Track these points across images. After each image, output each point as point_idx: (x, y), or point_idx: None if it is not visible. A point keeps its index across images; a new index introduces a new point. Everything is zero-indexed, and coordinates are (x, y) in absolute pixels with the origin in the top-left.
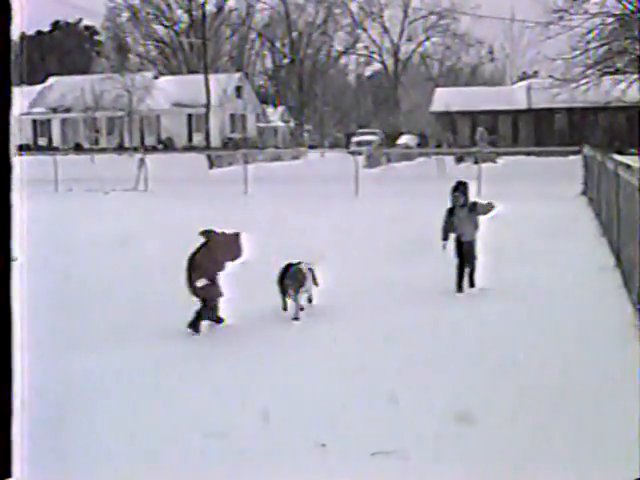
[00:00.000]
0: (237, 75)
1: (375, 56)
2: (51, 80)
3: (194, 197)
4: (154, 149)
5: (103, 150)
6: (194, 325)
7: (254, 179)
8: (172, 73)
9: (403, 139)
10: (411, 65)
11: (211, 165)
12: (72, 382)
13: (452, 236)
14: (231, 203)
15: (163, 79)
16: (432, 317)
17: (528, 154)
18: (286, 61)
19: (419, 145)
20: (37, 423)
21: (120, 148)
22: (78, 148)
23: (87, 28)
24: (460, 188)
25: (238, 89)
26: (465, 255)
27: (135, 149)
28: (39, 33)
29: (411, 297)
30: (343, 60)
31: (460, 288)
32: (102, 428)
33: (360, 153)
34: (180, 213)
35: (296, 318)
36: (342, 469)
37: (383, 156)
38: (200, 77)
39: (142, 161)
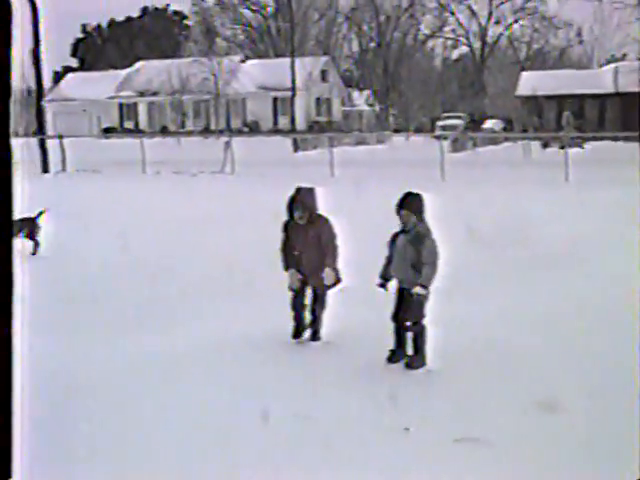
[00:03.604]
0: (323, 59)
1: (462, 39)
2: (138, 64)
3: (280, 180)
4: (240, 132)
5: (189, 133)
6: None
7: (339, 162)
8: (259, 57)
9: (488, 123)
10: (498, 48)
11: (296, 148)
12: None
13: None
14: (319, 186)
15: (249, 63)
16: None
17: (615, 139)
18: (372, 45)
19: (504, 129)
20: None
21: (206, 131)
22: (164, 131)
23: (176, 13)
24: (404, 204)
25: (324, 73)
26: (402, 310)
27: (221, 132)
28: (128, 19)
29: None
30: (430, 43)
31: (393, 356)
32: None
33: (445, 137)
34: (267, 195)
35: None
36: (426, 454)
37: (468, 141)
38: (286, 60)
39: (228, 144)
